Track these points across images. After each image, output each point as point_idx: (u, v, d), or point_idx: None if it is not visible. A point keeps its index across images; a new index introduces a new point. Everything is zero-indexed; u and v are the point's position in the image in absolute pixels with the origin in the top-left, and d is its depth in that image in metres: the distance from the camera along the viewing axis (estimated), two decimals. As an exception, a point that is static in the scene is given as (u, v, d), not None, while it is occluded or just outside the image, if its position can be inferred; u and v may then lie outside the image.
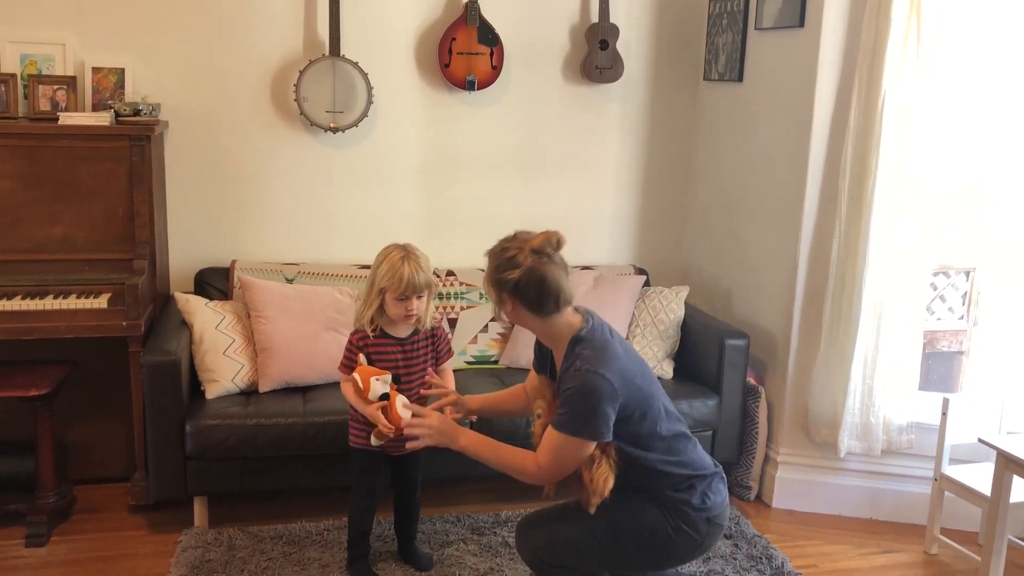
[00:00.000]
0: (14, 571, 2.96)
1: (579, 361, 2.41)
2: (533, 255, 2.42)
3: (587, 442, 2.40)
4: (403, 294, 2.74)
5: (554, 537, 2.54)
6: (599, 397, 2.35)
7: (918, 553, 3.39)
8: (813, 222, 3.58)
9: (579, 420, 2.38)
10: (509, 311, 2.49)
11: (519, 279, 2.40)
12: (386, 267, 2.75)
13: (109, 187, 3.36)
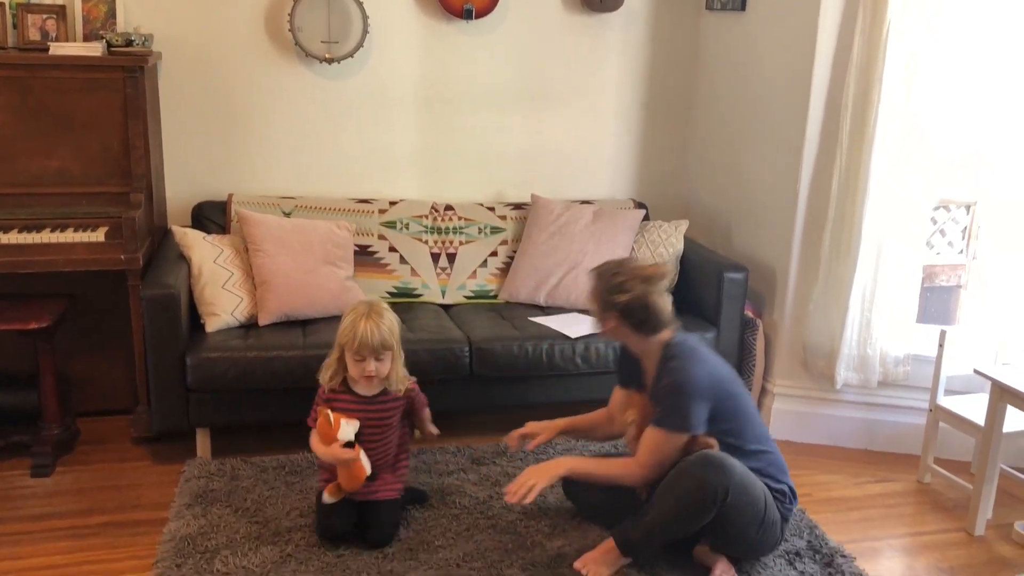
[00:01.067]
0: (21, 500, 3.01)
1: (671, 362, 2.63)
2: (642, 283, 2.65)
3: (682, 435, 2.60)
4: (358, 353, 2.64)
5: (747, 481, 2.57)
6: (690, 391, 2.57)
7: (911, 482, 3.44)
8: (814, 155, 3.55)
9: (675, 415, 2.58)
10: (611, 327, 2.71)
11: (628, 303, 2.63)
12: (347, 322, 2.67)
13: (103, 120, 3.32)
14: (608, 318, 2.69)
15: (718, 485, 2.47)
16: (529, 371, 3.47)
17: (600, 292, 2.69)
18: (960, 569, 2.87)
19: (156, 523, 2.87)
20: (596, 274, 2.73)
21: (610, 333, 2.74)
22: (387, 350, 2.68)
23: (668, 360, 2.65)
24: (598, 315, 2.73)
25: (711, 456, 2.53)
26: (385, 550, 2.73)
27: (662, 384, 2.63)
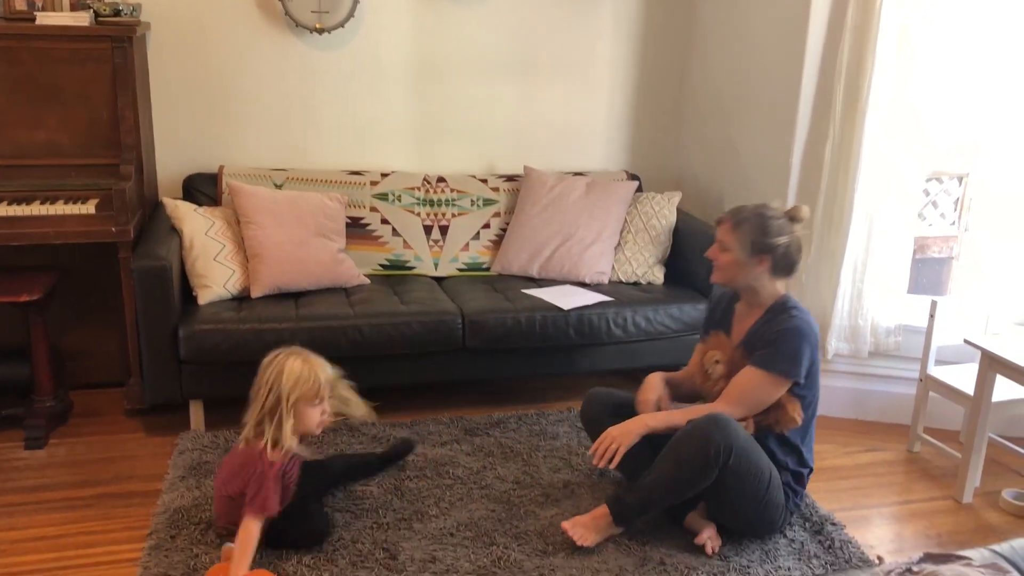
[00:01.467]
0: (15, 471, 3.01)
1: (791, 312, 2.64)
2: (795, 225, 2.66)
3: (782, 381, 2.60)
4: (319, 396, 2.50)
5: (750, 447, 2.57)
6: (805, 339, 2.59)
7: (901, 451, 3.47)
8: (807, 126, 3.55)
9: (782, 358, 2.58)
10: (758, 270, 2.65)
11: (787, 244, 2.63)
12: (294, 371, 2.45)
13: (92, 91, 3.29)
14: (761, 260, 2.63)
15: (722, 443, 2.46)
16: (522, 343, 3.48)
17: (755, 234, 2.62)
18: (948, 536, 2.90)
19: (150, 495, 2.88)
20: (744, 216, 2.65)
21: (742, 274, 2.67)
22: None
23: (784, 309, 2.65)
24: (746, 257, 2.63)
25: (718, 416, 2.53)
26: (379, 520, 2.74)
27: (775, 329, 2.62)
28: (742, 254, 2.63)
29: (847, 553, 2.70)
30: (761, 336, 2.66)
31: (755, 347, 2.66)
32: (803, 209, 2.69)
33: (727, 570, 2.58)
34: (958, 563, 1.82)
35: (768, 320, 2.68)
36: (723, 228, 2.69)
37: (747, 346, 2.70)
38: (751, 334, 2.71)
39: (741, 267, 2.65)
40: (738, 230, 2.64)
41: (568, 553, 2.61)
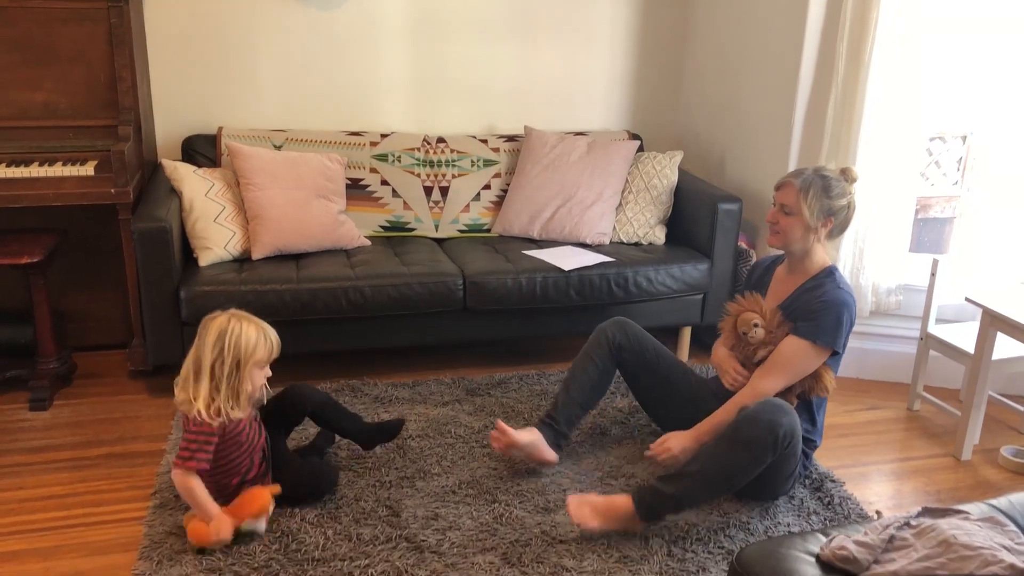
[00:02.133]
0: (20, 432, 3.04)
1: (835, 282, 2.66)
2: (852, 185, 2.70)
3: (824, 352, 2.62)
4: (267, 359, 2.44)
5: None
6: (847, 311, 2.60)
7: (901, 409, 3.49)
8: (809, 84, 3.52)
9: (827, 329, 2.59)
10: (822, 232, 2.67)
11: (847, 206, 2.67)
12: (238, 336, 2.36)
13: (89, 51, 3.27)
14: (826, 222, 2.65)
15: (789, 428, 2.42)
16: (523, 304, 3.48)
17: (823, 196, 2.63)
18: (947, 492, 2.92)
19: (154, 454, 2.91)
20: (810, 180, 2.64)
21: (803, 236, 2.66)
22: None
23: (829, 278, 2.67)
24: (812, 221, 2.64)
25: (776, 401, 2.49)
26: (382, 478, 2.77)
27: (819, 296, 2.63)
28: (811, 218, 2.64)
29: (846, 509, 2.73)
30: (805, 304, 2.67)
31: (797, 314, 2.67)
32: (854, 170, 2.72)
33: (727, 526, 2.60)
34: (956, 517, 1.85)
35: (812, 288, 2.68)
36: (787, 192, 2.67)
37: (787, 310, 2.71)
38: (793, 299, 2.72)
39: (806, 230, 2.66)
40: (806, 194, 2.63)
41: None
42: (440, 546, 2.45)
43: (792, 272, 2.78)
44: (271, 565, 2.34)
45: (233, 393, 2.38)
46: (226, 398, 2.37)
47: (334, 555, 2.39)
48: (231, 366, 2.36)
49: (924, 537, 1.78)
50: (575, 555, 2.43)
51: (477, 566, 2.37)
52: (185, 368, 2.42)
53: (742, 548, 1.90)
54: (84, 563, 2.37)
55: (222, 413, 2.36)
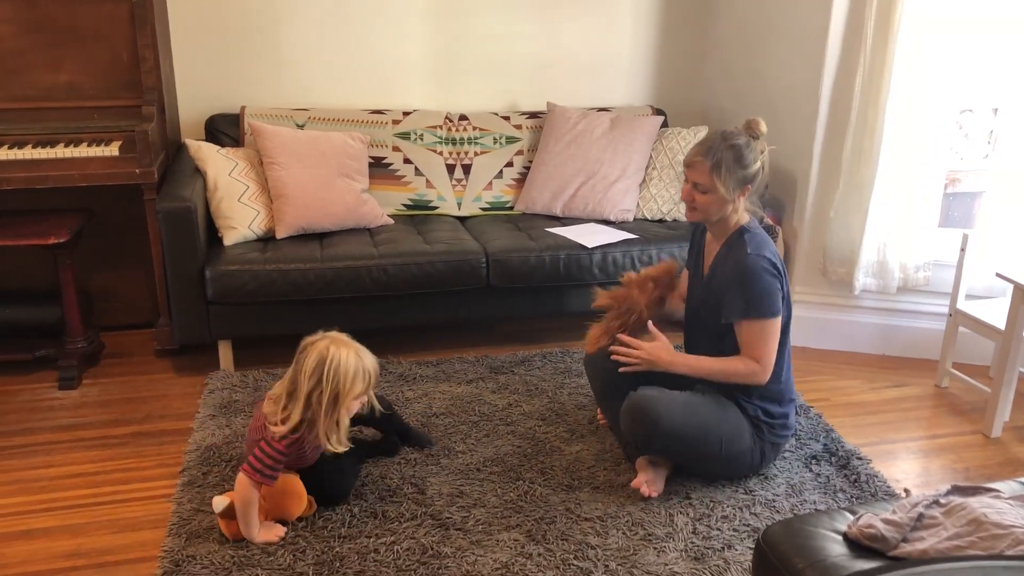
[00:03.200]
0: (50, 411, 3.08)
1: (743, 245, 2.54)
2: (757, 142, 2.54)
3: (773, 320, 2.53)
4: (368, 388, 2.37)
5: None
6: (770, 276, 2.51)
7: (929, 386, 3.45)
8: (836, 57, 3.46)
9: (755, 303, 2.50)
10: (740, 201, 2.55)
11: (762, 167, 2.55)
12: (348, 371, 2.28)
13: (111, 31, 3.28)
14: (743, 191, 2.54)
15: (647, 427, 2.50)
16: (546, 282, 3.47)
17: (736, 168, 2.49)
18: (976, 470, 2.89)
19: (182, 433, 2.93)
20: (719, 154, 2.49)
21: (721, 204, 2.53)
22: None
23: (738, 242, 2.56)
24: (729, 195, 2.51)
25: (642, 397, 2.53)
26: (407, 455, 2.78)
27: (733, 266, 2.54)
28: (726, 192, 2.51)
29: (873, 487, 2.71)
30: (724, 276, 2.57)
31: (721, 286, 2.57)
32: (760, 122, 2.56)
33: (752, 503, 2.59)
34: (987, 495, 1.82)
35: (726, 255, 2.60)
36: (699, 171, 2.52)
37: (712, 280, 2.63)
38: (714, 269, 2.64)
39: (723, 204, 2.54)
40: (718, 170, 2.49)
41: (594, 488, 2.64)
42: (465, 523, 2.46)
43: (714, 236, 2.68)
44: (298, 542, 2.36)
45: (331, 424, 2.29)
46: (326, 431, 2.28)
47: (360, 532, 2.41)
48: (329, 398, 2.26)
49: (954, 515, 1.76)
50: (600, 533, 2.44)
51: (502, 543, 2.38)
52: (281, 386, 2.34)
53: (768, 526, 1.89)
54: (113, 540, 2.40)
55: (320, 443, 2.31)
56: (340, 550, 2.33)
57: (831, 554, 1.75)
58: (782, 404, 2.66)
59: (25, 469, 2.72)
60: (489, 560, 2.31)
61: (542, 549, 2.36)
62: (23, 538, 2.40)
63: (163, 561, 2.28)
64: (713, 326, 2.61)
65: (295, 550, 2.33)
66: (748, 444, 2.62)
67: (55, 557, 2.33)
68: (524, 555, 2.33)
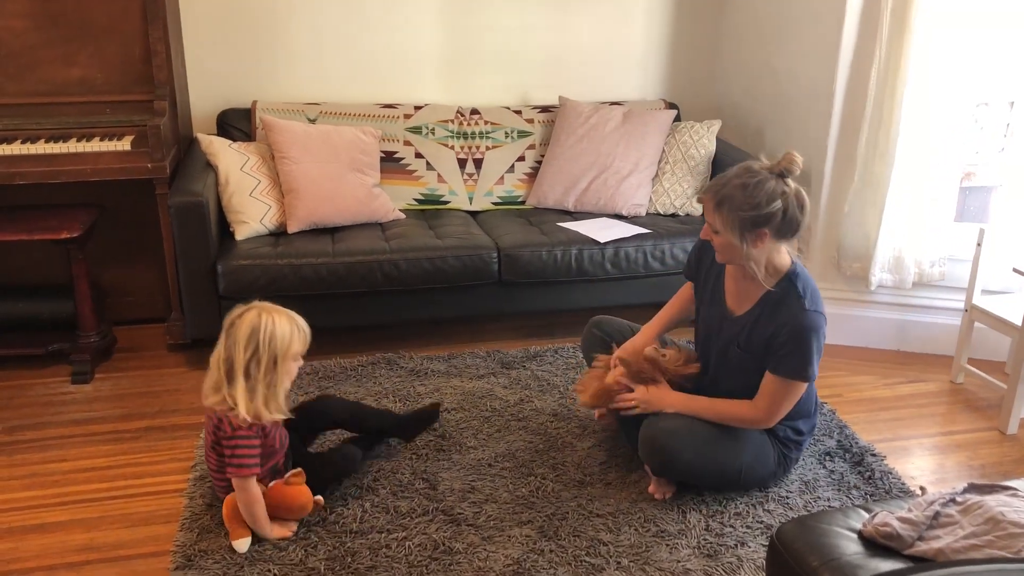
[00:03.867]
0: (63, 405, 3.09)
1: (797, 295, 2.35)
2: (789, 180, 2.28)
3: (805, 383, 2.41)
4: (301, 353, 2.34)
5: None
6: (818, 338, 2.35)
7: (944, 382, 3.43)
8: (851, 50, 3.43)
9: (805, 362, 2.36)
10: (759, 246, 2.30)
11: (785, 207, 2.25)
12: (275, 333, 2.24)
13: (123, 25, 3.28)
14: (758, 235, 2.27)
15: (665, 461, 2.47)
16: (558, 277, 3.46)
17: (743, 209, 2.24)
18: (992, 467, 2.87)
19: (194, 427, 2.94)
20: (726, 192, 2.27)
21: (742, 256, 2.32)
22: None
23: (791, 291, 2.36)
24: (738, 240, 2.28)
25: (662, 432, 2.46)
26: (419, 451, 2.77)
27: (785, 321, 2.35)
28: (733, 237, 2.28)
29: (887, 484, 2.69)
30: (768, 325, 2.39)
31: (763, 330, 2.41)
32: (795, 159, 2.27)
33: (766, 500, 2.58)
34: (1003, 493, 1.80)
35: (776, 305, 2.39)
36: (706, 208, 2.34)
37: (751, 328, 2.44)
38: (756, 317, 2.43)
39: (735, 250, 2.32)
40: (721, 209, 2.27)
41: (606, 484, 2.63)
42: (477, 519, 2.45)
43: (746, 277, 2.43)
44: (309, 537, 2.36)
45: (272, 392, 2.26)
46: (264, 399, 2.25)
47: (372, 527, 2.40)
48: (267, 363, 2.24)
49: (970, 514, 1.74)
50: (612, 529, 2.43)
51: (514, 539, 2.37)
52: (214, 370, 2.28)
53: (782, 523, 1.88)
54: (126, 534, 2.41)
55: (261, 416, 2.25)
56: (352, 545, 2.33)
57: (846, 552, 1.74)
58: (810, 418, 2.62)
59: (39, 463, 2.73)
60: (501, 556, 2.31)
61: (554, 545, 2.35)
62: (37, 532, 2.41)
63: (175, 555, 2.28)
64: (747, 368, 2.47)
65: (307, 545, 2.33)
66: (772, 468, 2.58)
67: (69, 551, 2.34)
68: (536, 551, 2.33)
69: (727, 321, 2.53)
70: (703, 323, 2.66)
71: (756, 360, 2.45)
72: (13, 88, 3.24)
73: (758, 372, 2.45)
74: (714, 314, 2.59)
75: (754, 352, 2.45)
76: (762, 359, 2.43)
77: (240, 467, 2.26)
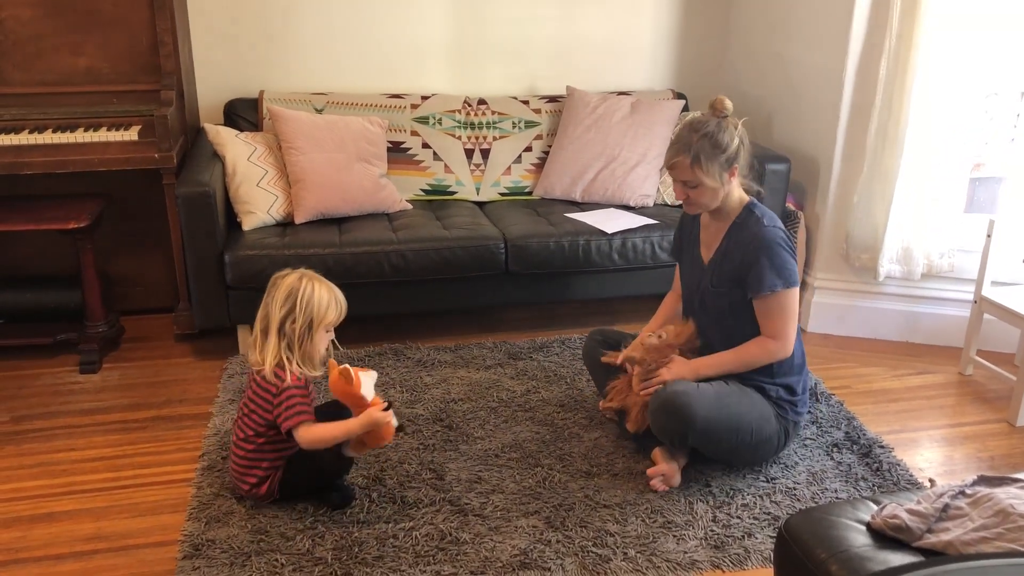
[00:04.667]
0: (71, 395, 3.09)
1: (755, 218, 2.54)
2: (729, 118, 2.50)
3: (792, 291, 2.51)
4: (339, 319, 2.41)
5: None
6: (780, 248, 2.50)
7: (953, 374, 3.41)
8: (861, 39, 3.41)
9: (777, 268, 2.48)
10: (731, 184, 2.53)
11: (740, 142, 2.50)
12: (308, 296, 2.32)
13: (130, 15, 3.27)
14: (731, 173, 2.50)
15: (681, 427, 2.47)
16: (565, 267, 3.45)
17: (714, 153, 2.45)
18: (1000, 458, 2.85)
19: (201, 417, 2.94)
20: (694, 147, 2.45)
21: (711, 194, 2.51)
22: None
23: (750, 216, 2.55)
24: (715, 176, 2.47)
25: (675, 393, 2.47)
26: (426, 441, 2.77)
27: (749, 241, 2.51)
28: (713, 181, 2.49)
29: (895, 475, 2.68)
30: (737, 252, 2.55)
31: (733, 263, 2.55)
32: (724, 100, 2.50)
33: (773, 492, 2.57)
34: (1013, 485, 1.79)
35: (738, 230, 2.57)
36: (680, 170, 2.50)
37: (721, 260, 2.60)
38: (724, 248, 2.60)
39: (715, 192, 2.52)
40: (699, 162, 2.47)
41: (612, 475, 2.63)
42: (483, 509, 2.45)
43: (714, 219, 2.65)
44: (316, 527, 2.36)
45: (305, 355, 2.36)
46: (300, 360, 2.35)
47: (379, 517, 2.41)
48: (303, 326, 2.32)
49: (980, 506, 1.73)
50: (619, 520, 2.42)
51: (521, 529, 2.37)
52: (255, 328, 2.39)
53: (790, 515, 1.87)
54: (134, 523, 2.41)
55: (299, 374, 2.34)
56: (359, 535, 2.33)
57: (854, 544, 1.73)
58: (800, 376, 2.65)
59: (47, 452, 2.74)
60: (508, 546, 2.30)
61: (561, 536, 2.35)
62: (46, 521, 2.42)
63: (183, 545, 2.29)
64: (723, 308, 2.60)
65: (314, 535, 2.33)
66: (775, 428, 2.60)
67: (77, 540, 2.34)
68: (543, 542, 2.33)
69: (701, 271, 2.67)
70: (685, 287, 2.77)
71: (731, 295, 2.57)
72: (20, 77, 3.24)
73: (740, 312, 2.57)
74: (692, 272, 2.72)
75: (727, 285, 2.58)
76: (738, 292, 2.55)
77: (299, 414, 2.31)
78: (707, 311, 2.65)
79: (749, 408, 2.55)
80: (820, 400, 3.10)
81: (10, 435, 2.84)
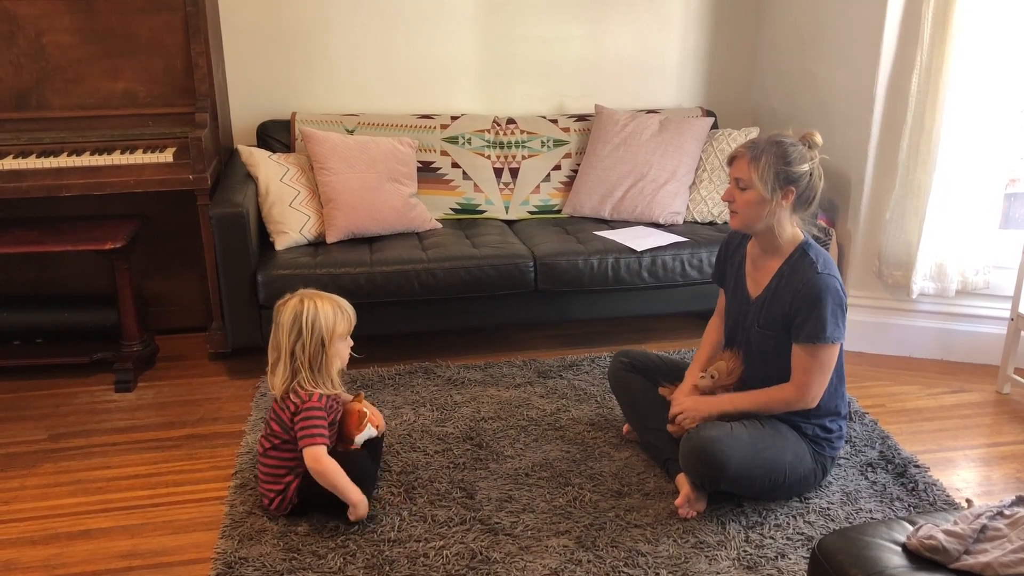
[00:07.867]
0: (107, 413, 3.14)
1: (810, 262, 2.44)
2: (814, 151, 2.46)
3: (835, 346, 2.43)
4: (348, 333, 2.50)
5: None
6: (834, 298, 2.40)
7: (990, 393, 3.36)
8: (892, 55, 3.39)
9: (824, 323, 2.39)
10: (783, 205, 2.44)
11: (811, 172, 2.43)
12: (327, 314, 2.41)
13: (166, 39, 3.34)
14: (786, 193, 2.41)
15: (712, 474, 2.43)
16: (594, 286, 3.45)
17: (777, 163, 2.39)
18: (1039, 480, 2.81)
19: (234, 435, 2.97)
20: (762, 147, 2.42)
21: (760, 212, 2.43)
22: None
23: (804, 259, 2.45)
24: (767, 191, 2.39)
25: (709, 440, 2.42)
26: (456, 460, 2.78)
27: (801, 287, 2.41)
28: (765, 189, 2.40)
29: (932, 496, 2.64)
30: (786, 296, 2.45)
31: (781, 308, 2.46)
32: (816, 135, 2.47)
33: (806, 512, 2.55)
34: (1053, 506, 1.76)
35: (789, 274, 2.47)
36: (739, 164, 2.45)
37: (769, 301, 2.50)
38: (773, 289, 2.50)
39: (764, 205, 2.42)
40: (757, 163, 2.40)
41: (644, 494, 2.61)
42: (514, 528, 2.45)
43: (764, 252, 2.55)
44: (347, 545, 2.37)
45: (322, 372, 2.43)
46: (313, 380, 2.41)
47: (409, 536, 2.41)
48: (314, 346, 2.40)
49: (1019, 527, 1.70)
50: (650, 540, 2.41)
51: (551, 549, 2.37)
52: (268, 358, 2.48)
53: (824, 535, 1.85)
54: (169, 541, 2.44)
55: (313, 392, 2.41)
56: (390, 554, 2.34)
57: (889, 565, 1.71)
58: (838, 417, 2.59)
59: (83, 470, 2.78)
60: (539, 566, 2.30)
61: (592, 556, 2.34)
62: (82, 538, 2.45)
63: (216, 563, 2.31)
64: (767, 350, 2.53)
65: (345, 553, 2.34)
66: (810, 466, 2.55)
67: (112, 557, 2.37)
68: (574, 561, 2.32)
69: (748, 306, 2.60)
70: (730, 316, 2.71)
71: (777, 337, 2.50)
72: (60, 102, 3.32)
73: (783, 353, 2.49)
74: (738, 304, 2.65)
75: (774, 328, 2.50)
76: (784, 335, 2.48)
77: (313, 436, 2.37)
78: (751, 348, 2.59)
79: (783, 449, 2.49)
80: (854, 419, 3.07)
81: (47, 453, 2.88)
